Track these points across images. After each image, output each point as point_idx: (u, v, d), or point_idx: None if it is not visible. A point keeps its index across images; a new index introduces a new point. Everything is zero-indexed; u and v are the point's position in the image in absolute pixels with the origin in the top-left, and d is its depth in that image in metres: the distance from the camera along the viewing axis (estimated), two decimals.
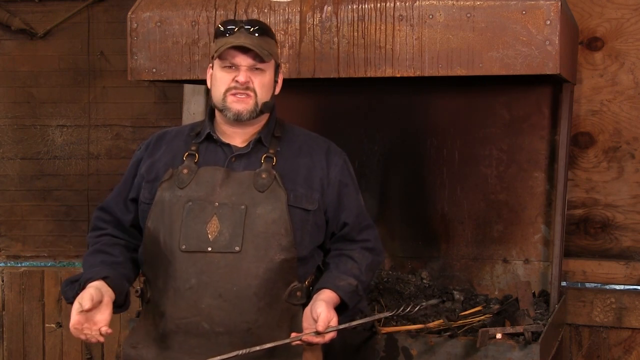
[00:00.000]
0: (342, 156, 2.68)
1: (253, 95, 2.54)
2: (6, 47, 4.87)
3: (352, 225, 2.63)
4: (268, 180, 2.53)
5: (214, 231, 2.47)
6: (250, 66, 2.53)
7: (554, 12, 2.88)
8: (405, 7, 3.01)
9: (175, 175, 2.56)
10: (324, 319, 2.39)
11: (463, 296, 3.56)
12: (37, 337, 4.90)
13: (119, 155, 4.83)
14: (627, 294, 3.87)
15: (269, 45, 2.56)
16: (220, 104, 2.55)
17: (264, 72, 2.56)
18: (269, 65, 2.57)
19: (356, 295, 2.54)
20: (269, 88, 2.59)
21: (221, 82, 2.55)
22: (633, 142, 3.88)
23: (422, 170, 3.85)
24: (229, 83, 2.53)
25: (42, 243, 4.91)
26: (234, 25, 2.55)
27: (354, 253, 2.61)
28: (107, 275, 2.50)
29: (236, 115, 2.54)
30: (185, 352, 2.49)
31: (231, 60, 2.52)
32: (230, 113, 2.54)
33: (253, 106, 2.54)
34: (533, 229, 3.75)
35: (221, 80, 2.55)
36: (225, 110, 2.55)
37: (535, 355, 2.89)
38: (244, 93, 2.53)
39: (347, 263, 2.58)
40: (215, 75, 2.57)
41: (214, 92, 2.58)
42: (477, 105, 3.78)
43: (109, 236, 2.67)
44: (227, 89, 2.53)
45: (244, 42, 2.50)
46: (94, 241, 2.66)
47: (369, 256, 2.63)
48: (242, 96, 2.53)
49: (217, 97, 2.56)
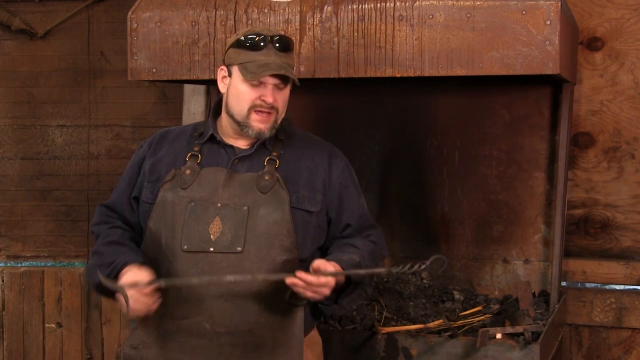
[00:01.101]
0: (344, 159, 2.69)
1: (274, 113, 2.54)
2: (6, 47, 4.87)
3: (354, 227, 2.63)
4: (271, 182, 2.53)
5: (216, 232, 2.48)
6: (277, 84, 2.52)
7: (554, 12, 2.88)
8: (405, 7, 3.01)
9: (177, 176, 2.56)
10: (322, 262, 2.39)
11: (463, 296, 3.57)
12: (37, 337, 4.90)
13: (119, 155, 4.83)
14: (627, 294, 3.87)
15: (293, 62, 2.57)
16: (242, 120, 2.53)
17: (286, 89, 2.56)
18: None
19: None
20: (287, 103, 2.59)
21: (245, 98, 2.52)
22: (633, 142, 3.88)
23: (422, 170, 3.85)
24: (254, 100, 2.51)
25: (42, 243, 4.92)
26: (262, 41, 2.50)
27: (355, 241, 2.60)
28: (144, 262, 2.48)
29: (258, 134, 2.54)
30: (186, 352, 2.49)
31: (259, 78, 2.50)
32: (253, 132, 2.53)
33: (273, 124, 2.54)
34: (533, 229, 3.75)
35: (245, 96, 2.51)
36: (246, 128, 2.53)
37: (535, 355, 2.89)
38: (269, 112, 2.52)
39: (349, 248, 2.56)
40: (236, 87, 2.53)
41: (235, 105, 2.54)
42: (477, 105, 3.78)
43: (121, 230, 2.63)
44: (252, 105, 2.51)
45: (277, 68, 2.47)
46: (107, 232, 2.62)
47: (370, 245, 2.61)
48: (266, 115, 2.52)
49: (240, 113, 2.53)
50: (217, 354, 2.47)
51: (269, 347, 2.48)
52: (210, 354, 2.47)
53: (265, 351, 2.48)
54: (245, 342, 2.46)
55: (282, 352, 2.49)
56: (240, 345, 2.46)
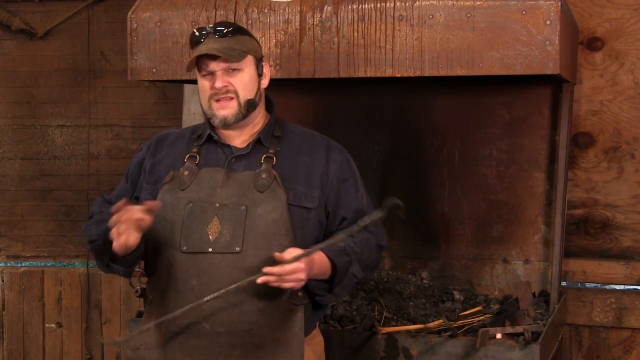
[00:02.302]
0: (342, 153, 2.67)
1: (235, 97, 2.55)
2: (6, 47, 4.87)
3: (350, 221, 2.61)
4: (268, 180, 2.53)
5: (214, 232, 2.48)
6: (225, 69, 2.54)
7: (554, 12, 2.88)
8: (405, 7, 3.01)
9: (176, 177, 2.57)
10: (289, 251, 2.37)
11: (463, 296, 3.57)
12: (37, 337, 4.90)
13: (119, 155, 4.84)
14: (627, 294, 3.87)
15: (241, 44, 2.56)
16: (207, 112, 2.58)
17: (242, 71, 2.56)
18: (245, 62, 2.56)
19: (343, 255, 2.50)
20: (252, 85, 2.58)
21: (203, 91, 2.58)
22: (633, 142, 3.88)
23: (422, 170, 3.85)
24: (209, 90, 2.56)
25: (42, 243, 4.92)
26: (202, 36, 2.57)
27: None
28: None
29: (222, 121, 2.56)
30: (186, 352, 2.49)
31: (206, 68, 2.55)
32: (217, 120, 2.57)
33: (237, 109, 2.55)
34: (533, 229, 3.75)
35: (202, 89, 2.58)
36: (212, 118, 2.57)
37: (535, 355, 2.89)
38: (226, 97, 2.54)
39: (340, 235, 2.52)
40: (199, 84, 2.60)
41: (201, 100, 2.61)
42: (477, 105, 3.78)
43: None
44: (209, 95, 2.56)
45: (208, 50, 2.51)
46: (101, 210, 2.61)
47: (364, 233, 2.58)
48: (225, 100, 2.54)
49: (204, 105, 2.59)
50: (218, 354, 2.47)
51: (269, 347, 2.48)
52: (210, 354, 2.47)
53: (265, 351, 2.48)
54: (245, 342, 2.46)
55: (282, 352, 2.49)
56: (240, 346, 2.46)
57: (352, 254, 2.52)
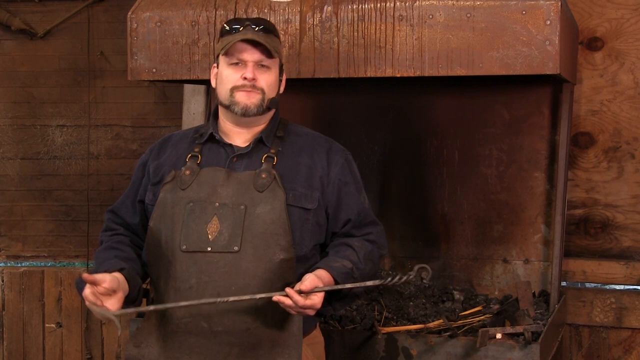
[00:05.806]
0: (344, 155, 2.68)
1: (260, 93, 2.54)
2: (6, 47, 4.87)
3: (352, 223, 2.62)
4: (268, 180, 2.53)
5: (214, 231, 2.48)
6: (257, 62, 2.53)
7: (554, 12, 2.88)
8: (405, 7, 3.01)
9: (177, 177, 2.57)
10: (311, 281, 2.39)
11: (463, 296, 3.57)
12: (37, 337, 4.90)
13: (119, 155, 4.84)
14: (627, 294, 3.87)
15: (274, 43, 2.57)
16: (227, 100, 2.55)
17: (270, 70, 2.56)
18: (274, 62, 2.58)
19: (350, 278, 2.51)
20: (275, 87, 2.60)
21: (228, 80, 2.55)
22: (633, 142, 3.88)
23: (422, 170, 3.85)
24: (236, 81, 2.53)
25: (42, 243, 4.92)
26: (239, 24, 2.56)
27: (353, 242, 2.60)
28: (122, 267, 2.50)
29: (244, 109, 2.54)
30: (185, 351, 2.49)
31: (238, 56, 2.52)
32: (238, 107, 2.53)
33: (260, 101, 2.55)
34: (533, 229, 3.75)
35: (228, 78, 2.55)
36: (232, 105, 2.54)
37: (535, 355, 2.89)
38: (253, 91, 2.54)
39: (345, 250, 2.56)
40: (221, 73, 2.57)
41: (220, 89, 2.58)
42: (477, 105, 3.78)
43: (122, 236, 2.68)
44: (234, 87, 2.54)
45: (251, 36, 2.51)
46: (107, 239, 2.68)
47: (368, 245, 2.61)
48: (250, 91, 2.53)
49: (224, 94, 2.56)
50: (216, 353, 2.47)
51: (267, 346, 2.48)
52: (208, 353, 2.47)
53: (263, 350, 2.48)
54: (243, 342, 2.46)
55: (280, 352, 2.49)
56: (238, 345, 2.46)
57: (358, 277, 2.53)
